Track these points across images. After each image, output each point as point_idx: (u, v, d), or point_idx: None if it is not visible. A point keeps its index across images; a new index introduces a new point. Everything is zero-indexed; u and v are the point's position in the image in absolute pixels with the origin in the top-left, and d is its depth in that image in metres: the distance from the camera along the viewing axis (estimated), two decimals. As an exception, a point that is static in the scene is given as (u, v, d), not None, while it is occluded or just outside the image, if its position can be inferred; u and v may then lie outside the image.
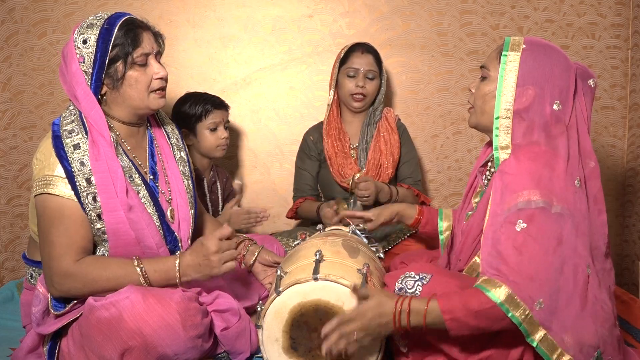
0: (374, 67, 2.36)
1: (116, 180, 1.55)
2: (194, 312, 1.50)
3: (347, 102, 2.39)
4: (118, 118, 1.64)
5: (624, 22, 2.72)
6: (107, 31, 1.55)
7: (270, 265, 1.86)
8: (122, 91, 1.59)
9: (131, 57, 1.56)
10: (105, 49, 1.54)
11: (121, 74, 1.56)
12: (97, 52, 1.54)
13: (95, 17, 1.59)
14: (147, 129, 1.75)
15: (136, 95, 1.59)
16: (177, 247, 1.69)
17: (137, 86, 1.59)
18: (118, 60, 1.56)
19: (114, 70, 1.56)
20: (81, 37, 1.56)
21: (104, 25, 1.55)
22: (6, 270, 2.73)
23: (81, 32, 1.56)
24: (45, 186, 1.52)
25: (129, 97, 1.60)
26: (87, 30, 1.56)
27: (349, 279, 1.48)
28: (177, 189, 1.74)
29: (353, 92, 2.35)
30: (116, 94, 1.59)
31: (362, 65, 2.34)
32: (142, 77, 1.59)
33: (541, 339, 1.34)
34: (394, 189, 2.32)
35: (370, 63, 2.35)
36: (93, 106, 1.56)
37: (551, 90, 1.45)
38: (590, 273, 1.41)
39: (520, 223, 1.35)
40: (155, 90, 1.62)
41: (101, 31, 1.55)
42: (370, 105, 2.43)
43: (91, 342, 1.47)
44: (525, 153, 1.42)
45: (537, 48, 1.48)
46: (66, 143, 1.54)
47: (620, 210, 2.80)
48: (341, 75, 2.38)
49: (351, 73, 2.35)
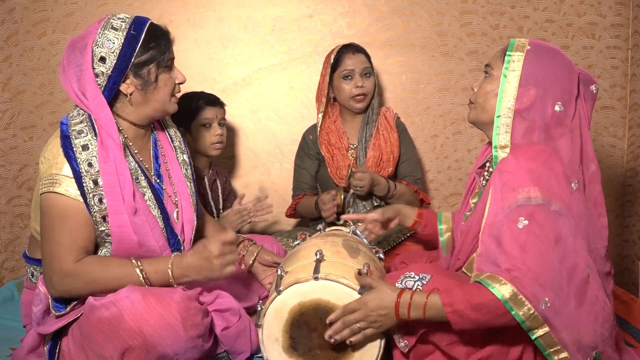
0: (367, 65, 2.35)
1: (124, 182, 1.55)
2: (194, 312, 1.50)
3: (349, 105, 2.37)
4: (129, 120, 1.64)
5: (624, 22, 2.72)
6: (134, 37, 1.55)
7: (270, 265, 1.86)
8: (151, 93, 1.61)
9: (164, 60, 1.60)
10: (130, 55, 1.55)
11: (154, 76, 1.59)
12: (121, 56, 1.54)
13: (119, 19, 1.58)
14: (151, 132, 1.75)
15: (162, 97, 1.63)
16: (179, 249, 1.69)
17: (165, 89, 1.63)
18: (151, 63, 1.58)
19: (147, 72, 1.58)
20: (104, 38, 1.54)
21: (130, 30, 1.56)
22: (6, 270, 2.73)
23: (105, 33, 1.55)
24: (52, 185, 1.52)
25: (155, 99, 1.62)
26: (112, 32, 1.55)
27: (349, 278, 1.48)
28: (181, 191, 1.74)
29: (354, 94, 2.33)
30: (143, 95, 1.61)
31: (356, 65, 2.33)
32: (170, 81, 1.64)
33: (542, 335, 1.34)
34: (392, 183, 2.31)
35: (363, 61, 2.35)
36: (104, 108, 1.56)
37: (553, 92, 1.45)
38: (590, 273, 1.41)
39: (522, 220, 1.36)
40: (174, 95, 1.67)
41: (127, 36, 1.55)
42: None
43: (91, 342, 1.47)
44: (523, 152, 1.43)
45: (541, 50, 1.49)
46: (75, 143, 1.54)
47: (620, 210, 2.80)
48: (337, 80, 2.36)
49: (347, 74, 2.33)
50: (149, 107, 1.63)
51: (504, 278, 1.32)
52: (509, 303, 1.30)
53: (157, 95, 1.62)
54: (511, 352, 1.42)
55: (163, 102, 1.64)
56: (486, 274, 1.36)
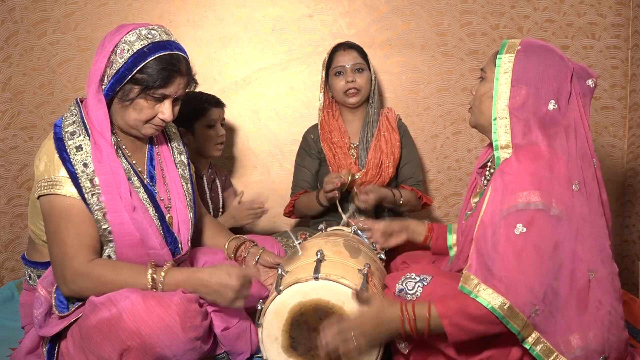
0: (359, 60, 2.36)
1: (119, 181, 1.56)
2: (193, 314, 1.50)
3: (343, 101, 2.39)
4: (118, 125, 1.65)
5: (624, 22, 2.72)
6: (143, 55, 1.53)
7: (272, 266, 1.86)
8: (125, 109, 1.59)
9: (151, 90, 1.56)
10: (131, 69, 1.53)
11: (133, 96, 1.56)
12: (124, 66, 1.53)
13: (145, 32, 1.56)
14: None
15: (134, 118, 1.59)
16: (177, 248, 1.70)
17: (139, 114, 1.59)
18: (137, 85, 1.55)
19: (129, 89, 1.56)
20: (122, 44, 1.54)
21: (144, 48, 1.54)
22: (6, 270, 2.73)
23: (126, 40, 1.54)
24: (51, 187, 1.53)
25: (127, 116, 1.60)
26: (129, 43, 1.54)
27: (349, 279, 1.48)
28: (176, 192, 1.75)
29: (345, 89, 2.35)
30: (120, 107, 1.60)
31: (347, 61, 2.35)
32: (148, 110, 1.59)
33: (534, 341, 1.34)
34: (398, 193, 2.31)
35: (354, 57, 2.36)
36: (101, 106, 1.57)
37: (545, 90, 1.44)
38: (593, 277, 1.40)
39: (519, 227, 1.35)
40: (152, 123, 1.63)
41: (138, 52, 1.53)
42: (366, 100, 2.43)
43: (90, 342, 1.47)
44: (526, 154, 1.42)
45: (532, 49, 1.48)
46: (68, 145, 1.55)
47: (620, 210, 2.80)
48: (331, 78, 2.39)
49: (339, 70, 2.35)
50: (123, 120, 1.62)
51: (497, 290, 1.32)
52: (505, 319, 1.31)
53: (127, 114, 1.59)
54: (512, 354, 1.42)
55: (135, 124, 1.60)
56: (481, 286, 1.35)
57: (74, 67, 2.68)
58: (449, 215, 2.84)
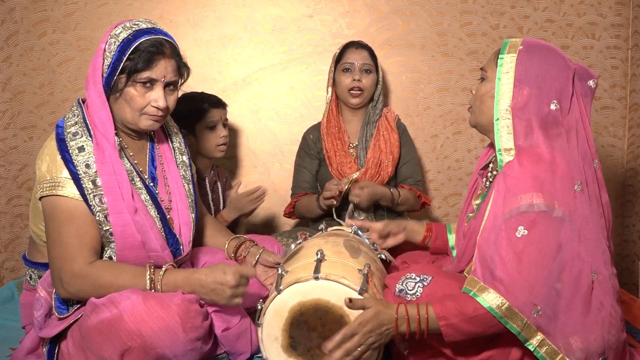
0: (369, 61, 2.37)
1: (122, 182, 1.56)
2: (194, 315, 1.50)
3: (345, 99, 2.39)
4: (119, 124, 1.65)
5: (624, 22, 2.72)
6: (128, 42, 1.54)
7: (272, 266, 1.86)
8: (118, 103, 1.59)
9: (136, 75, 1.55)
10: (119, 59, 1.54)
11: (121, 86, 1.56)
12: (114, 58, 1.54)
13: (129, 24, 1.58)
14: (149, 134, 1.75)
15: (128, 110, 1.59)
16: (178, 249, 1.70)
17: (130, 104, 1.58)
18: (123, 73, 1.55)
19: (118, 80, 1.56)
20: (110, 39, 1.56)
21: (128, 36, 1.55)
22: (6, 270, 2.73)
23: (113, 34, 1.56)
24: (54, 188, 1.53)
25: (121, 110, 1.60)
26: (116, 35, 1.56)
27: (350, 279, 1.48)
28: (178, 193, 1.74)
29: (350, 87, 2.35)
30: (114, 102, 1.60)
31: (356, 59, 2.35)
32: (138, 98, 1.58)
33: (539, 343, 1.34)
34: (396, 192, 2.31)
35: (365, 57, 2.37)
36: (103, 106, 1.57)
37: (548, 91, 1.44)
38: (596, 278, 1.40)
39: (521, 229, 1.35)
40: (146, 113, 1.61)
41: (123, 41, 1.55)
42: (369, 102, 2.43)
43: (91, 343, 1.47)
44: (528, 156, 1.42)
45: (534, 49, 1.48)
46: (70, 146, 1.55)
47: (620, 210, 2.80)
48: (337, 73, 2.39)
49: (347, 67, 2.36)
50: (119, 116, 1.61)
51: (497, 290, 1.32)
52: (503, 319, 1.32)
53: (121, 108, 1.59)
54: (512, 354, 1.42)
55: (131, 116, 1.60)
56: (480, 285, 1.35)
57: (74, 67, 2.68)
58: (448, 215, 2.84)
